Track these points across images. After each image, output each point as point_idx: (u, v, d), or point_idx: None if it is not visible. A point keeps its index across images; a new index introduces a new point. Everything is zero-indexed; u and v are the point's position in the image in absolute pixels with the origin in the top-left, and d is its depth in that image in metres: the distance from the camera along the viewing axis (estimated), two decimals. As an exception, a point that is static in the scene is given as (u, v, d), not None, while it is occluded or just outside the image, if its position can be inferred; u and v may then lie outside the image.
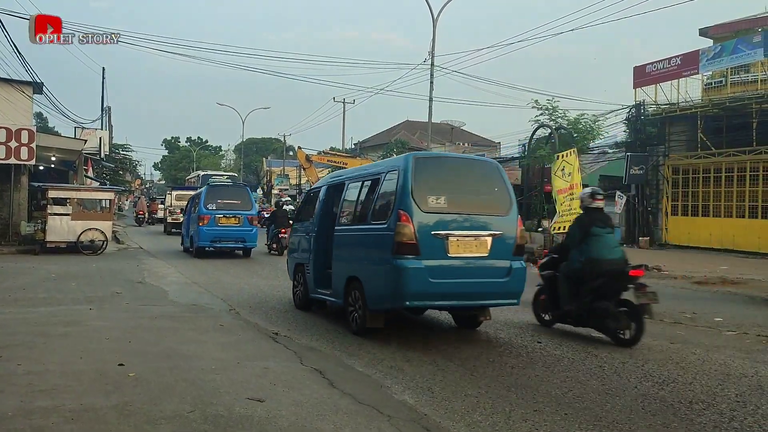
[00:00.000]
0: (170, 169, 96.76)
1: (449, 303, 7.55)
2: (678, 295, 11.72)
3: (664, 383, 5.61)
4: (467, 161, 10.11)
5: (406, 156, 7.61)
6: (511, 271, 7.34)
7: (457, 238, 7.12)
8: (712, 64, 23.58)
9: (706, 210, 23.70)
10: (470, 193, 7.58)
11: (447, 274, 7.05)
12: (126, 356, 5.77)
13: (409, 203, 6.99)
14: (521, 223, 7.81)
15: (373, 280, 7.41)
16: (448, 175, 7.65)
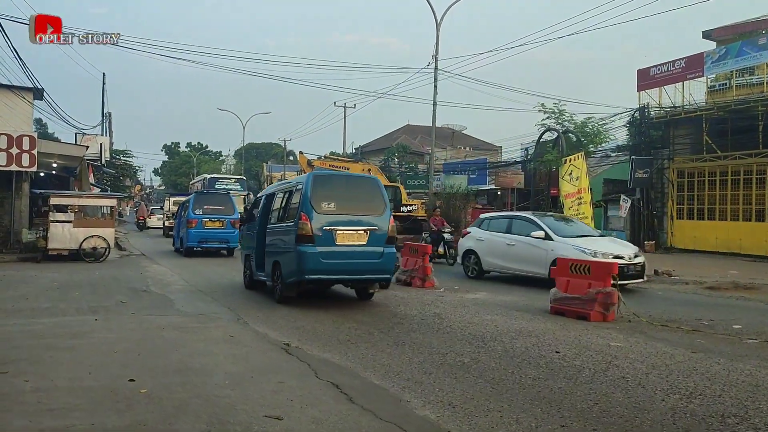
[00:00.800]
0: (170, 174, 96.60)
1: (337, 277, 10.41)
2: (692, 302, 11.54)
3: (692, 396, 5.43)
4: (352, 177, 15.41)
5: (308, 174, 11.11)
6: (383, 255, 10.19)
7: (342, 232, 10.01)
8: (717, 66, 23.45)
9: (711, 213, 23.52)
10: (353, 200, 10.44)
11: (335, 257, 9.94)
12: (136, 371, 5.59)
13: (308, 208, 9.92)
14: (392, 221, 10.55)
15: (286, 262, 10.32)
16: (337, 188, 10.63)
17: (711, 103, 23.84)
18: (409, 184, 41.92)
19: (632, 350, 7.19)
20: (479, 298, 11.59)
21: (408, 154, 48.28)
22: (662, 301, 11.50)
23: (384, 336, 7.94)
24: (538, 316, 9.48)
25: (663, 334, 8.20)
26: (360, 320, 9.04)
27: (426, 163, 48.67)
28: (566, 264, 9.95)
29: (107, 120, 39.12)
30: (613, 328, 8.60)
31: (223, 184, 37.95)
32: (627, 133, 27.06)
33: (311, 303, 10.61)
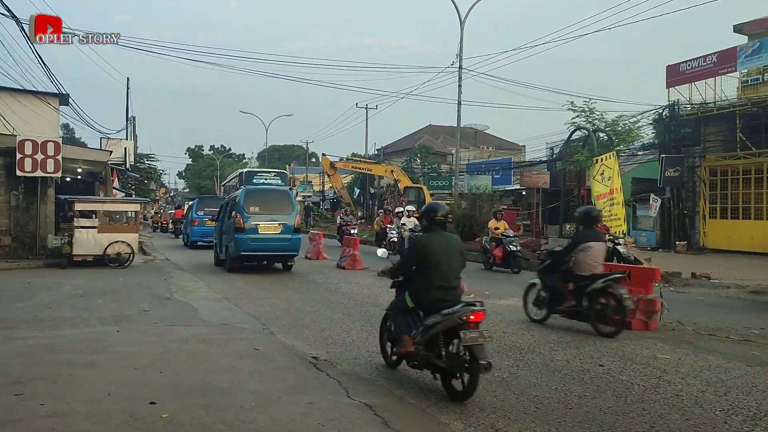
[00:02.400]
0: (194, 177, 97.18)
1: (261, 254, 16.02)
2: (737, 308, 11.01)
3: (757, 417, 4.99)
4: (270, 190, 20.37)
5: (243, 188, 17.78)
6: (291, 240, 15.75)
7: (263, 225, 15.54)
8: (751, 60, 22.71)
9: (746, 212, 22.82)
10: (271, 205, 16.06)
11: (258, 241, 15.45)
12: (157, 391, 5.29)
13: (241, 211, 15.55)
14: (298, 218, 16.28)
15: (230, 245, 15.98)
16: (261, 198, 16.53)
17: (744, 99, 23.10)
18: (431, 185, 41.54)
19: (682, 363, 6.75)
20: (511, 304, 11.16)
21: (430, 155, 47.87)
22: (705, 307, 10.98)
23: (415, 348, 7.55)
24: (576, 324, 9.03)
25: (712, 345, 7.73)
26: (389, 330, 8.66)
27: (449, 164, 48.28)
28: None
29: (131, 124, 39.22)
30: (657, 337, 8.14)
31: (261, 178, 33.45)
32: (653, 130, 26.37)
33: (339, 310, 10.29)
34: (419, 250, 5.96)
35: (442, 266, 5.84)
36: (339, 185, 40.72)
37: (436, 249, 5.86)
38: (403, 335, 5.90)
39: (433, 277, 5.82)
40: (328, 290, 12.93)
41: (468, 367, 5.35)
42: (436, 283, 5.82)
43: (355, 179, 50.77)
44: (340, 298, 11.75)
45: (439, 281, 5.82)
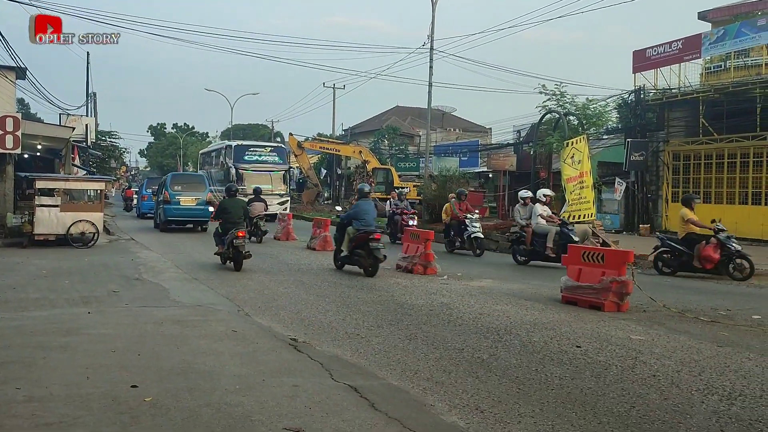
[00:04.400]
0: (156, 156, 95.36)
1: (182, 219, 22.78)
2: (703, 289, 11.30)
3: (732, 397, 5.12)
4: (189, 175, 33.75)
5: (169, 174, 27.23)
6: (203, 210, 22.17)
7: (183, 198, 22.34)
8: (715, 47, 23.13)
9: (707, 197, 23.33)
10: (190, 185, 23.35)
11: (180, 210, 22.44)
12: (137, 374, 5.18)
13: (168, 188, 22.73)
14: (210, 194, 22.60)
15: (160, 213, 23.36)
16: (183, 180, 24.48)
17: (707, 85, 23.56)
18: (399, 166, 41.56)
19: (656, 344, 6.89)
20: (485, 286, 11.26)
21: (398, 136, 47.79)
22: (672, 288, 11.23)
23: (394, 329, 7.58)
24: (550, 306, 9.17)
25: (683, 326, 7.91)
26: (366, 311, 8.66)
27: (416, 145, 48.30)
28: (578, 252, 9.63)
29: (92, 100, 38.20)
30: (630, 318, 8.30)
31: (254, 155, 29.68)
32: (618, 114, 26.76)
33: (313, 292, 10.23)
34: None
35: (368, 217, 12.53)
36: (306, 165, 40.36)
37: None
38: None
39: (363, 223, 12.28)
40: (300, 271, 12.84)
41: (372, 261, 11.92)
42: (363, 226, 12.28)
43: (322, 159, 50.44)
44: (314, 279, 11.68)
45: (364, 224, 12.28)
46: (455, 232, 17.31)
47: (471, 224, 16.76)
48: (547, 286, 11.05)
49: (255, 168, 28.89)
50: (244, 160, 29.14)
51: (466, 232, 16.80)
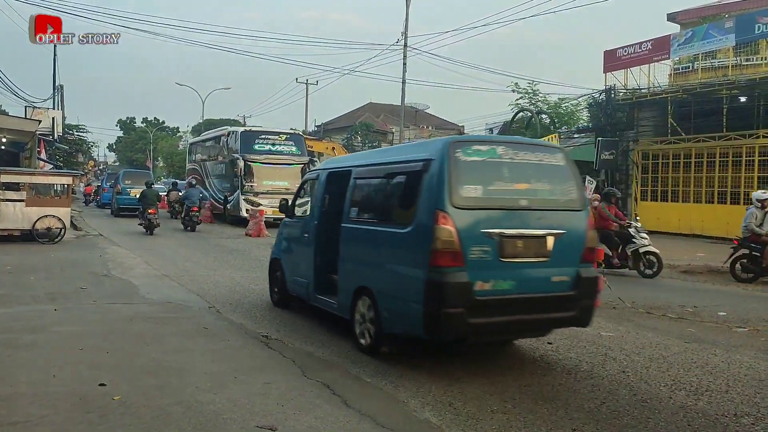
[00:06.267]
0: (126, 150, 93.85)
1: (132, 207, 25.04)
2: (671, 287, 11.49)
3: (698, 392, 5.22)
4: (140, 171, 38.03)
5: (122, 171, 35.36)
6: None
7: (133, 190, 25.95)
8: (684, 49, 23.56)
9: (675, 195, 23.77)
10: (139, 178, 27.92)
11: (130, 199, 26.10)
12: (106, 372, 5.09)
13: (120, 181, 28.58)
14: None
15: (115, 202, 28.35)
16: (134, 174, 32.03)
17: (675, 86, 23.98)
18: (372, 163, 41.31)
19: (625, 341, 7.00)
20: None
21: (371, 133, 47.75)
22: (641, 286, 11.40)
23: (367, 326, 7.55)
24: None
25: (651, 323, 8.05)
26: (338, 308, 8.62)
27: (389, 142, 48.29)
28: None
29: (59, 93, 37.38)
30: (600, 315, 8.32)
31: (266, 143, 24.51)
32: (588, 113, 27.12)
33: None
34: None
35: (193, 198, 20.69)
36: (279, 161, 40.00)
37: None
38: None
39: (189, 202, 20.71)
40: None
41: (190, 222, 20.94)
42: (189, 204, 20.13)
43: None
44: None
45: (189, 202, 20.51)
46: (609, 245, 12.76)
47: (638, 235, 12.61)
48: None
49: (268, 160, 23.91)
50: (254, 150, 23.91)
51: (631, 246, 12.57)
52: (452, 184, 5.51)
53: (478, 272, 5.46)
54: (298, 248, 8.23)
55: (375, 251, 6.40)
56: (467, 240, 5.43)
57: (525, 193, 6.01)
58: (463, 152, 5.76)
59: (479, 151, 5.92)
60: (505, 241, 5.58)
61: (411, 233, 5.75)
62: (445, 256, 5.39)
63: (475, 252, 5.48)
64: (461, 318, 5.38)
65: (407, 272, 5.73)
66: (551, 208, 6.07)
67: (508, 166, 6.03)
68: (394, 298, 5.97)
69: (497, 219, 5.67)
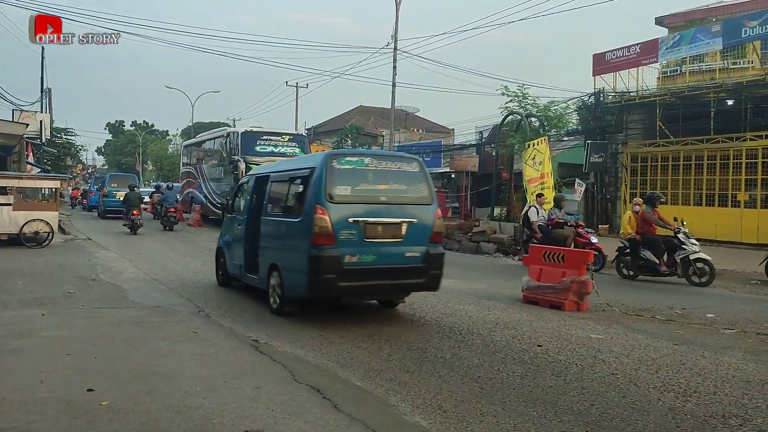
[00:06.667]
0: (115, 153, 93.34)
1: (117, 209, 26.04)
2: (659, 288, 11.55)
3: (687, 394, 5.25)
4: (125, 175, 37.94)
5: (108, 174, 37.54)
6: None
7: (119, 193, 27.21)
8: (672, 52, 23.67)
9: (664, 198, 23.92)
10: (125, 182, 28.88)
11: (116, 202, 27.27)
12: (94, 377, 5.05)
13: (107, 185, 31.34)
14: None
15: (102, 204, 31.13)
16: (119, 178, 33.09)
17: (663, 89, 24.13)
18: (363, 166, 41.28)
19: (614, 343, 7.02)
20: (447, 286, 11.22)
21: (361, 136, 47.71)
22: (630, 288, 11.47)
23: (357, 329, 7.56)
24: (511, 306, 9.27)
25: (640, 325, 8.08)
26: (328, 311, 8.62)
27: (379, 145, 48.29)
28: (539, 252, 9.76)
29: (47, 96, 37.15)
30: (590, 318, 8.45)
31: (269, 145, 23.23)
32: (578, 116, 27.22)
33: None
34: None
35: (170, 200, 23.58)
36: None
37: None
38: None
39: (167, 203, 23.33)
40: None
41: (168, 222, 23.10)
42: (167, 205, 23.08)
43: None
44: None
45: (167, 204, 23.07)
46: (655, 251, 12.36)
47: (688, 241, 12.18)
48: (509, 285, 11.17)
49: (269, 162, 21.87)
50: (255, 152, 22.58)
51: (681, 253, 12.10)
52: (327, 186, 7.60)
53: (347, 249, 7.52)
54: (234, 238, 10.27)
55: (280, 237, 8.58)
56: (338, 225, 7.50)
57: (385, 192, 8.08)
58: (338, 162, 7.91)
59: (350, 161, 8.12)
60: (367, 226, 7.65)
61: (300, 222, 7.85)
62: (322, 237, 7.47)
63: (344, 234, 7.54)
64: (334, 282, 7.49)
65: (298, 250, 7.76)
66: (406, 203, 8.12)
67: (373, 172, 8.11)
68: (291, 270, 8.05)
69: (362, 210, 7.72)
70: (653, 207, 12.70)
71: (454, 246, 18.95)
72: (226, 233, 10.84)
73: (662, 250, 12.22)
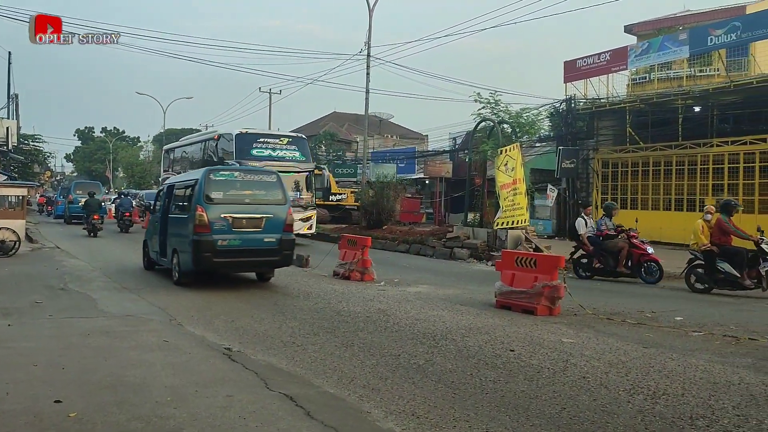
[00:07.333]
0: (84, 160, 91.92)
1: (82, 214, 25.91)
2: (631, 293, 11.73)
3: (656, 396, 5.33)
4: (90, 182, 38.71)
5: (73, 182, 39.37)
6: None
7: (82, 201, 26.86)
8: (640, 60, 24.11)
9: (634, 203, 24.27)
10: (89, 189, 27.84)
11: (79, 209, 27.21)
12: (62, 389, 4.96)
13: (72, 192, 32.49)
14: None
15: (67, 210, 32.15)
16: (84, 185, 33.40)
17: (633, 96, 24.56)
18: (336, 172, 41.36)
19: (586, 347, 7.10)
20: (421, 291, 11.35)
21: (336, 142, 47.68)
22: (601, 292, 11.61)
23: (330, 336, 7.54)
24: (485, 311, 9.32)
25: (611, 328, 8.19)
26: (302, 319, 8.60)
27: (353, 152, 48.31)
28: (512, 257, 9.83)
29: (14, 102, 36.50)
30: (561, 322, 8.53)
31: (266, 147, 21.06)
32: (550, 123, 27.54)
33: (248, 300, 10.07)
34: None
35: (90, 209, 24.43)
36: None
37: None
38: None
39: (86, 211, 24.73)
40: (233, 280, 12.61)
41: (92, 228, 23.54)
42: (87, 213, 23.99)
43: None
44: (248, 288, 11.51)
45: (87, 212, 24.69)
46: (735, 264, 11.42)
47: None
48: (482, 291, 11.23)
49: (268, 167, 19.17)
50: (252, 155, 20.29)
51: (766, 265, 11.30)
52: (206, 191, 10.88)
53: (219, 236, 10.68)
54: (153, 232, 13.15)
55: (178, 229, 11.64)
56: (213, 219, 10.70)
57: (249, 195, 11.40)
58: (214, 175, 11.39)
59: (223, 174, 11.71)
60: (235, 220, 10.85)
61: (188, 217, 11.08)
62: (201, 227, 10.65)
63: (217, 225, 10.72)
64: (210, 259, 10.75)
65: (187, 237, 10.93)
66: (265, 203, 11.31)
67: (240, 182, 11.62)
68: (183, 252, 11.19)
69: (231, 209, 10.92)
70: (729, 215, 11.76)
71: (428, 252, 19.03)
72: (150, 229, 13.85)
73: (745, 263, 11.29)
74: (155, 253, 12.84)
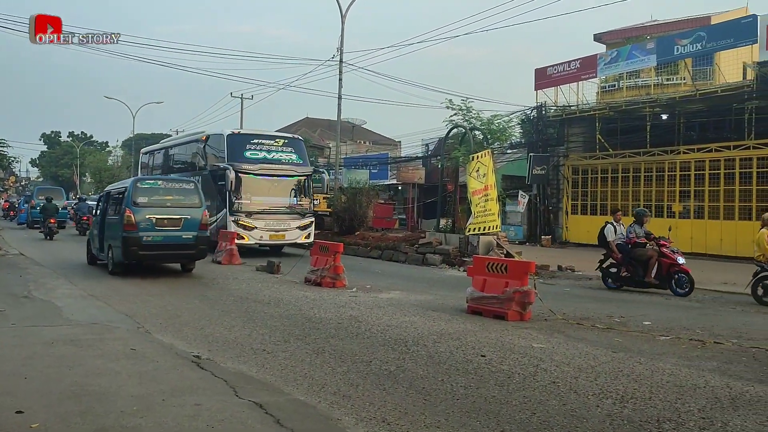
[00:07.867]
0: (50, 165, 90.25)
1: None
2: (599, 298, 11.87)
3: (624, 400, 5.38)
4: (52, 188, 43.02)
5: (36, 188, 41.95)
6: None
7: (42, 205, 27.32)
8: (609, 68, 24.51)
9: (604, 209, 24.59)
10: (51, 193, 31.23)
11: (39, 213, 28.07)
12: (23, 399, 4.83)
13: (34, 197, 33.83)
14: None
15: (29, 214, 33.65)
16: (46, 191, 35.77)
17: (602, 104, 24.95)
18: (309, 178, 41.12)
19: (556, 352, 7.15)
20: (393, 297, 11.34)
21: (308, 148, 47.47)
22: (572, 297, 11.73)
23: (301, 343, 7.48)
24: (456, 317, 9.34)
25: (581, 333, 8.26)
26: (273, 326, 8.52)
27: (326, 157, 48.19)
28: (483, 263, 9.88)
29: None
30: (532, 327, 8.58)
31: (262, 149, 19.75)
32: (521, 130, 27.82)
33: (218, 307, 9.95)
34: None
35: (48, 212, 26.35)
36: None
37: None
38: None
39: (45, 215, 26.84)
40: (204, 286, 12.48)
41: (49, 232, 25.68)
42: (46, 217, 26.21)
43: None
44: (218, 294, 11.38)
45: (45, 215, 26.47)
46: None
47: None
48: (454, 296, 11.26)
49: (263, 171, 19.25)
50: (245, 158, 19.11)
51: None
52: (133, 197, 13.27)
53: (144, 233, 12.98)
54: (95, 232, 15.30)
55: (113, 228, 13.79)
56: (139, 219, 13.01)
57: (170, 200, 13.83)
58: (141, 183, 14.20)
59: (149, 182, 14.88)
60: (157, 219, 13.19)
61: (119, 218, 13.28)
62: (129, 226, 12.93)
63: (143, 224, 13.03)
64: (137, 252, 13.04)
65: (118, 234, 13.17)
66: (183, 206, 13.69)
67: (163, 189, 14.23)
68: (116, 247, 13.39)
69: (154, 210, 13.29)
70: None
71: (400, 258, 19.03)
72: (92, 229, 16.51)
73: None
74: (96, 249, 14.98)
